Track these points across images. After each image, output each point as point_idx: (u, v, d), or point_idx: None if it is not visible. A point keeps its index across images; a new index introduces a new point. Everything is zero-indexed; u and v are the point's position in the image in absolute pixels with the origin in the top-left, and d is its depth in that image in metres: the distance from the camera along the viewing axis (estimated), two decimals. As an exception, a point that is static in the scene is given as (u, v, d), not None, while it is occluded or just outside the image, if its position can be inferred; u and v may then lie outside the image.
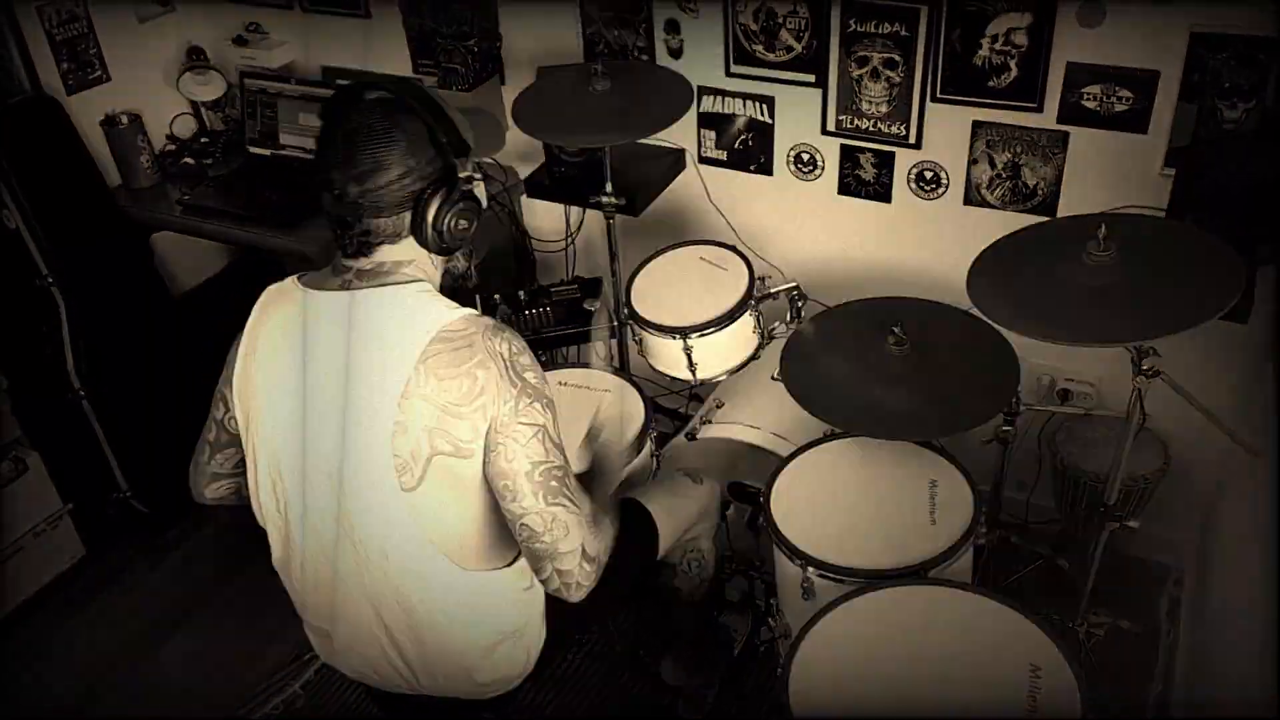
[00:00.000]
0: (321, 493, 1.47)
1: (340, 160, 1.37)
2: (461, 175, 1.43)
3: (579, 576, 1.47)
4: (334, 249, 1.48)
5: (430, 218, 1.41)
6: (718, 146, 2.67)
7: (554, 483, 1.43)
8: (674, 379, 2.41)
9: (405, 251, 1.45)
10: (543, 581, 1.50)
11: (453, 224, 1.43)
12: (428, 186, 1.41)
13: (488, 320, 1.43)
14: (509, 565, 1.56)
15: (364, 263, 1.44)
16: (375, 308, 1.42)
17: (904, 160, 2.44)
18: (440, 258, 1.50)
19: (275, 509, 1.55)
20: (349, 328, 1.41)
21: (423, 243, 1.43)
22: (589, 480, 1.64)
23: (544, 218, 3.03)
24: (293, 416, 1.47)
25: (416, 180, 1.40)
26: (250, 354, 1.52)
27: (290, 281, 1.52)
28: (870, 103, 2.40)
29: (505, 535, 1.53)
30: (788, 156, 2.59)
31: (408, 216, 1.41)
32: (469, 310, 1.44)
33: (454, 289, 1.57)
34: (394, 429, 1.38)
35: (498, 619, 1.58)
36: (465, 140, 1.44)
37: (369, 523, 1.45)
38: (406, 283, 1.43)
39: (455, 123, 1.43)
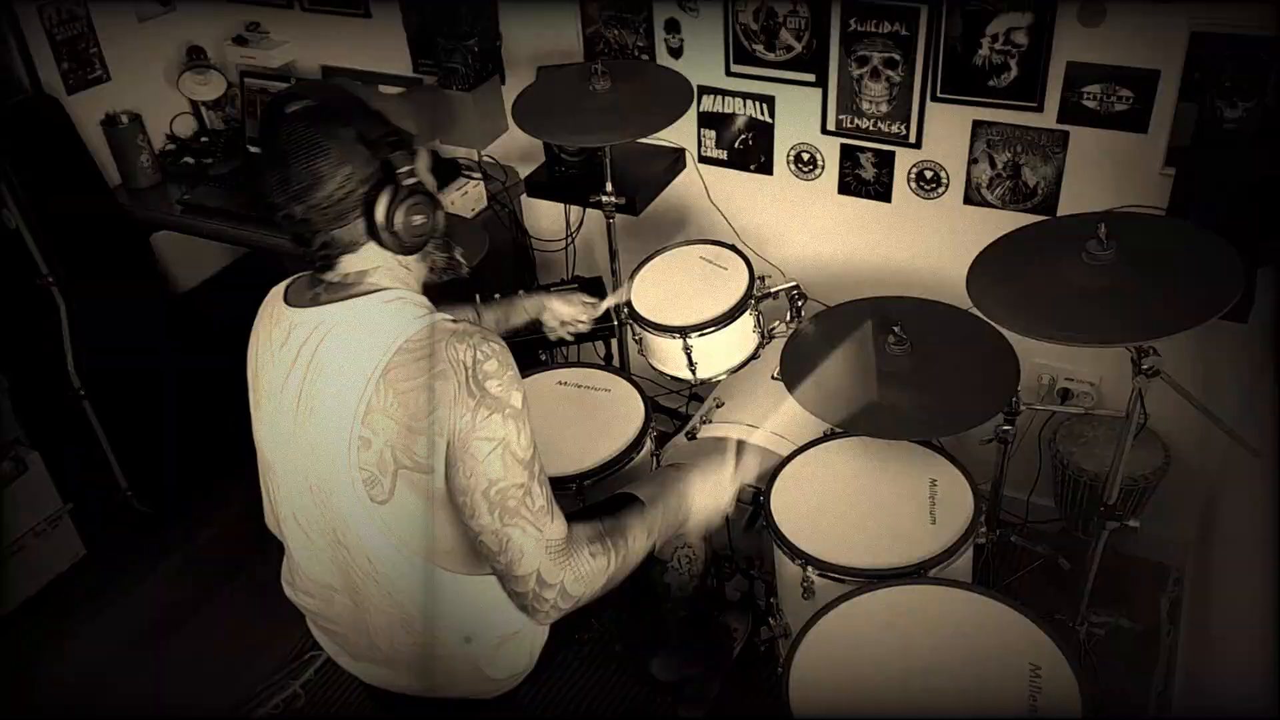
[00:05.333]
0: (309, 504, 1.46)
1: (277, 183, 1.34)
2: (401, 170, 1.37)
3: (534, 602, 1.42)
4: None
5: (381, 219, 1.36)
6: (718, 146, 2.67)
7: (511, 502, 1.38)
8: (674, 378, 2.41)
9: (368, 258, 1.41)
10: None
11: (406, 221, 1.38)
12: (371, 189, 1.36)
13: (453, 326, 1.38)
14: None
15: (331, 275, 1.42)
16: (340, 324, 1.39)
17: (904, 160, 2.44)
18: (410, 257, 1.46)
19: (275, 517, 1.56)
20: (317, 344, 1.39)
21: (384, 245, 1.40)
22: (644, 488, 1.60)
23: (544, 217, 3.03)
24: (279, 430, 1.46)
25: (358, 184, 1.35)
26: (250, 364, 1.53)
27: (280, 288, 1.50)
28: (870, 102, 2.40)
29: None
30: (788, 156, 2.59)
31: (361, 223, 1.37)
32: (439, 316, 1.40)
33: (447, 283, 1.55)
34: (359, 444, 1.36)
35: (498, 621, 1.57)
36: (399, 132, 1.38)
37: (353, 532, 1.44)
38: (372, 292, 1.40)
39: (384, 118, 1.37)
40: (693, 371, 2.30)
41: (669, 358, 2.33)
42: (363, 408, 1.35)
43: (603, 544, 1.47)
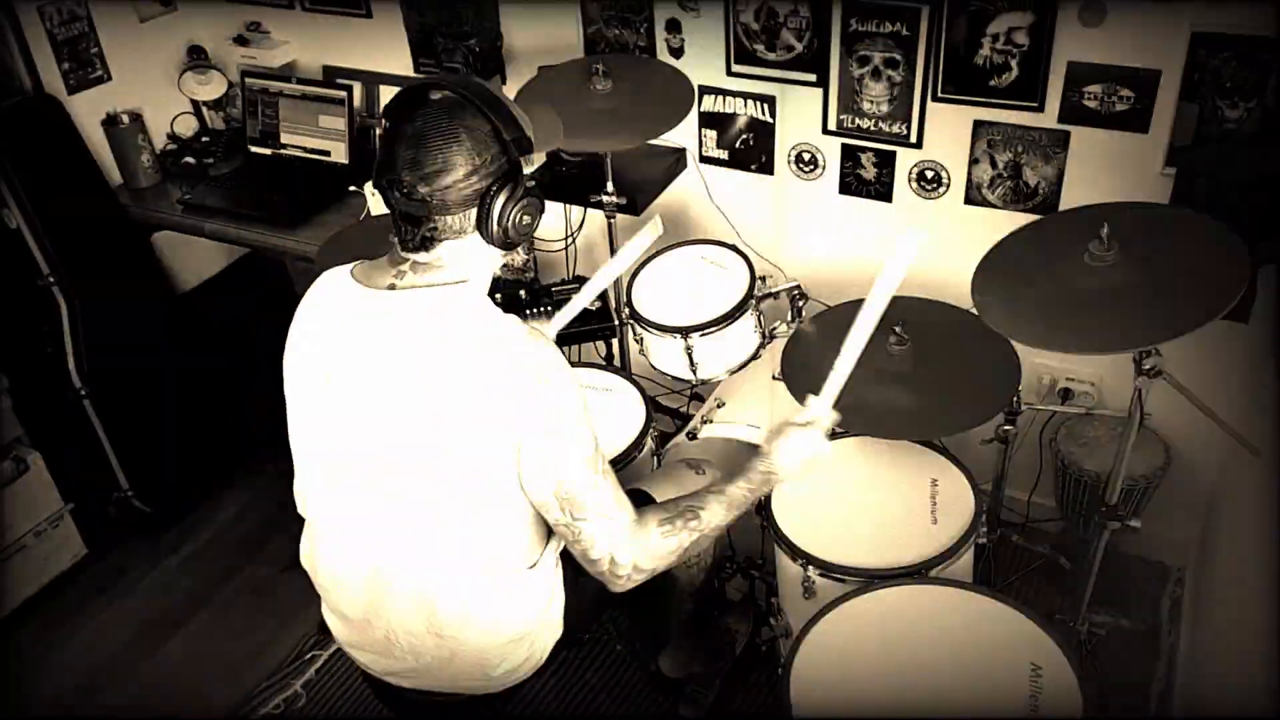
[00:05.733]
0: (352, 489, 1.50)
1: (408, 161, 1.38)
2: (526, 171, 1.44)
3: (609, 578, 1.51)
4: (392, 240, 1.48)
5: (496, 214, 1.42)
6: (719, 146, 2.67)
7: (579, 499, 1.45)
8: (675, 378, 2.41)
9: (466, 246, 1.45)
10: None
11: (518, 220, 1.44)
12: (493, 183, 1.41)
13: (524, 328, 1.44)
14: (531, 568, 1.57)
15: (423, 255, 1.45)
16: (417, 311, 1.43)
17: (905, 159, 2.44)
18: (501, 251, 1.50)
19: (306, 499, 1.59)
20: (389, 330, 1.44)
21: (488, 238, 1.45)
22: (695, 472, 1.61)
23: (544, 217, 3.02)
24: (328, 413, 1.50)
25: (483, 178, 1.40)
26: (295, 344, 1.55)
27: (344, 272, 1.52)
28: (871, 102, 2.40)
29: (529, 540, 1.55)
30: (789, 156, 2.59)
31: (474, 213, 1.42)
32: (508, 318, 1.45)
33: (514, 281, 1.57)
34: (425, 433, 1.41)
35: (517, 620, 1.59)
36: (528, 136, 1.44)
37: (397, 521, 1.48)
38: (454, 283, 1.44)
39: (518, 119, 1.43)
40: (694, 371, 2.30)
41: (670, 358, 2.33)
42: (433, 397, 1.40)
43: (673, 524, 1.53)
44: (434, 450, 1.42)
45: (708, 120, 2.65)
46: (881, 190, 2.51)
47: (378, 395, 1.44)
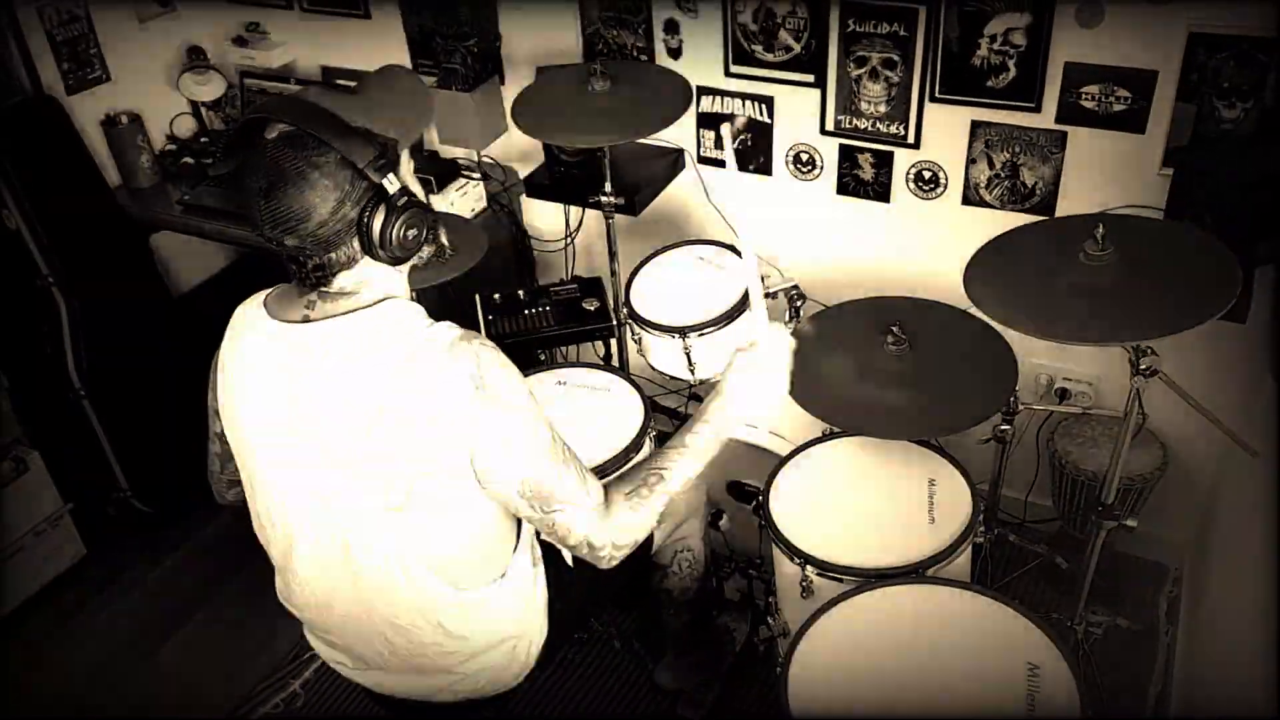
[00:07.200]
0: (319, 517, 1.46)
1: (266, 216, 1.31)
2: (392, 191, 1.34)
3: (590, 559, 1.49)
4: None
5: (378, 238, 1.34)
6: (717, 146, 2.67)
7: (546, 492, 1.42)
8: (673, 378, 2.41)
9: (364, 271, 1.39)
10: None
11: (403, 236, 1.36)
12: (364, 209, 1.33)
13: (453, 335, 1.38)
14: (503, 576, 1.56)
15: (326, 286, 1.40)
16: (343, 339, 1.37)
17: (903, 160, 2.45)
18: (406, 264, 1.45)
19: (275, 535, 1.54)
20: (321, 360, 1.38)
21: (379, 260, 1.38)
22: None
23: (543, 217, 3.03)
24: (278, 448, 1.45)
25: (351, 207, 1.32)
26: (228, 385, 1.50)
27: (257, 305, 1.47)
28: (869, 103, 2.41)
29: (495, 549, 1.54)
30: (787, 156, 2.59)
31: (355, 242, 1.35)
32: (437, 325, 1.40)
33: (447, 284, 1.53)
34: (373, 455, 1.37)
35: (496, 628, 1.59)
36: (385, 149, 1.34)
37: (362, 546, 1.45)
38: (371, 305, 1.39)
39: (368, 137, 1.33)
40: (692, 371, 2.30)
41: (668, 358, 2.33)
42: (375, 419, 1.35)
43: (638, 494, 1.49)
44: (386, 481, 1.38)
45: (706, 120, 2.65)
46: (879, 191, 2.51)
47: (321, 436, 1.39)
